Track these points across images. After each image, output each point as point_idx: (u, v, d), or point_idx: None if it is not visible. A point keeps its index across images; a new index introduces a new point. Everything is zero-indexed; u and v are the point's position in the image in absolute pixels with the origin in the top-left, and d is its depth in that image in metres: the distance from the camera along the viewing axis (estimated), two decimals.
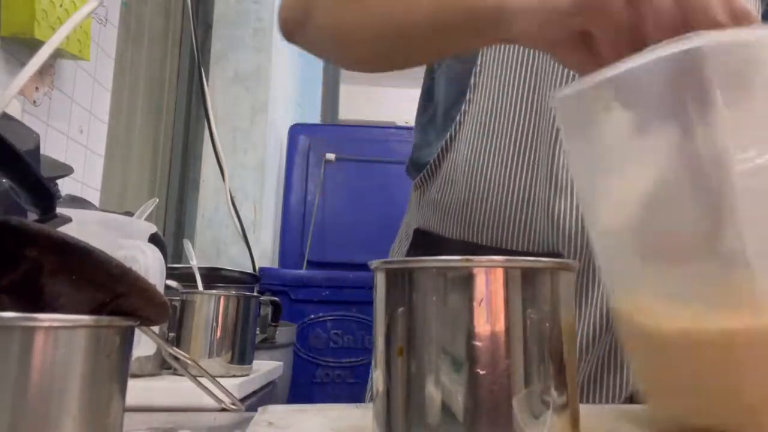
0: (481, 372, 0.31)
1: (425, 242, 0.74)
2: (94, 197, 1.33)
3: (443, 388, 0.32)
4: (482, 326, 0.32)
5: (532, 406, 0.32)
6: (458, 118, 0.71)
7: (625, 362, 0.65)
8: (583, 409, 0.37)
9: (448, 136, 0.72)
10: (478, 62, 0.71)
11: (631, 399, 0.65)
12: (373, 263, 0.36)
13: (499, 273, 0.32)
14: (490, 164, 0.69)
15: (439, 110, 0.76)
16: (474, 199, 0.70)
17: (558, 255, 0.65)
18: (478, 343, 0.32)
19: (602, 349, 0.66)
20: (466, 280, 0.32)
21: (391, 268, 0.35)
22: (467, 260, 0.33)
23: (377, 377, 0.35)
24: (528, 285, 0.33)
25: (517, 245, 0.67)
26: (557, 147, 0.65)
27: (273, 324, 1.44)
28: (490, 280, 0.32)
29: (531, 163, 0.68)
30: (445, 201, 0.72)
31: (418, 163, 0.76)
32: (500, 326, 0.32)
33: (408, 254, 0.76)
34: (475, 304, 0.32)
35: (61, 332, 0.25)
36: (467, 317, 0.32)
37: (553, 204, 0.65)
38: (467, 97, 0.71)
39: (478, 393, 0.31)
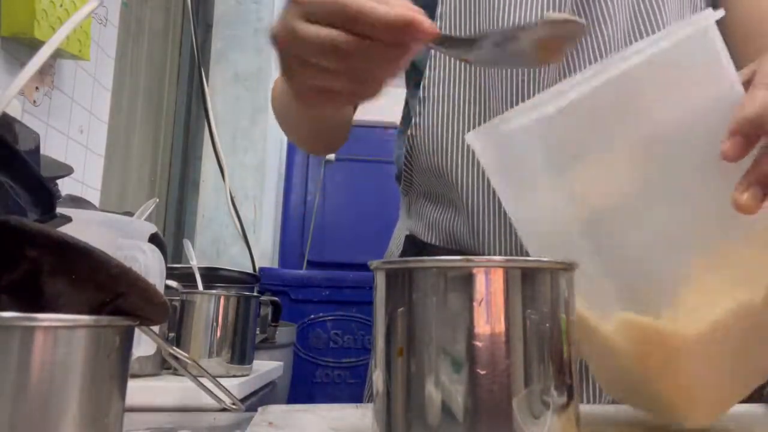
0: (481, 372, 0.31)
1: (415, 249, 0.74)
2: (94, 197, 1.33)
3: (443, 388, 0.32)
4: (482, 326, 0.32)
5: (532, 406, 0.32)
6: (410, 131, 0.72)
7: None
8: (584, 409, 0.37)
9: (404, 149, 0.72)
10: (426, 75, 0.71)
11: None
12: (373, 263, 0.36)
13: (499, 273, 0.32)
14: (451, 171, 0.69)
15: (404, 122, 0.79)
16: (444, 207, 0.70)
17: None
18: (478, 343, 0.32)
19: None
20: (466, 280, 0.32)
21: (391, 268, 0.35)
22: (467, 260, 0.33)
23: (377, 377, 0.35)
24: (528, 285, 0.33)
25: (495, 251, 0.67)
26: None
27: (273, 324, 1.44)
28: (490, 280, 0.32)
29: None
30: (424, 208, 0.73)
31: (397, 171, 0.77)
32: (500, 326, 0.32)
33: (403, 255, 0.76)
34: (475, 304, 0.32)
35: (61, 332, 0.25)
36: (467, 317, 0.32)
37: None
38: (417, 110, 0.72)
39: (478, 393, 0.31)
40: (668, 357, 0.41)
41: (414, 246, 0.74)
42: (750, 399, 0.57)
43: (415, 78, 0.76)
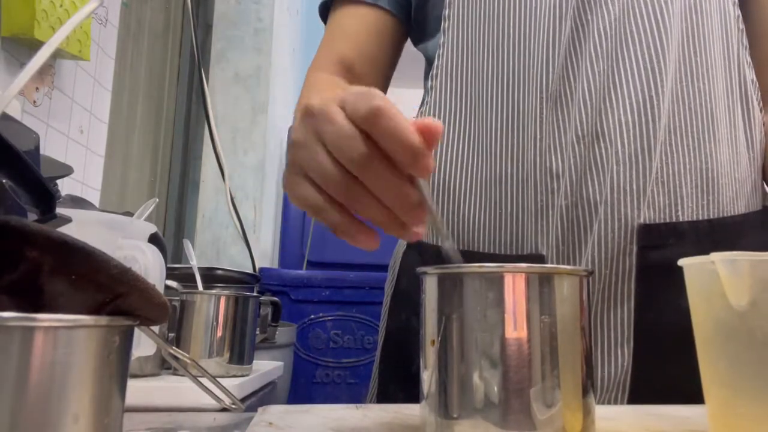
0: (510, 368, 0.36)
1: (417, 244, 0.75)
2: (94, 197, 1.33)
3: (485, 380, 0.37)
4: (515, 331, 0.36)
5: (546, 397, 0.36)
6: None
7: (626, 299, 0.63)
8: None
9: None
10: (435, 65, 0.72)
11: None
12: (422, 268, 0.40)
13: (534, 279, 0.36)
14: (444, 159, 0.69)
15: None
16: (446, 197, 0.70)
17: (539, 256, 0.64)
18: (512, 346, 0.36)
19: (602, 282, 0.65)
20: (502, 285, 0.37)
21: (442, 273, 0.39)
22: (500, 267, 0.37)
23: (427, 377, 0.38)
24: (557, 291, 0.37)
25: (483, 243, 0.67)
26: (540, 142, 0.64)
27: (273, 324, 1.44)
28: (521, 286, 0.36)
29: (504, 158, 0.66)
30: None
31: None
32: (527, 331, 0.36)
33: (405, 255, 0.77)
34: (511, 309, 0.36)
35: (60, 332, 0.25)
36: (503, 321, 0.36)
37: (542, 195, 0.64)
38: (425, 99, 0.73)
39: (507, 384, 0.36)
40: None
41: (410, 245, 0.75)
42: None
43: (427, 68, 0.77)
